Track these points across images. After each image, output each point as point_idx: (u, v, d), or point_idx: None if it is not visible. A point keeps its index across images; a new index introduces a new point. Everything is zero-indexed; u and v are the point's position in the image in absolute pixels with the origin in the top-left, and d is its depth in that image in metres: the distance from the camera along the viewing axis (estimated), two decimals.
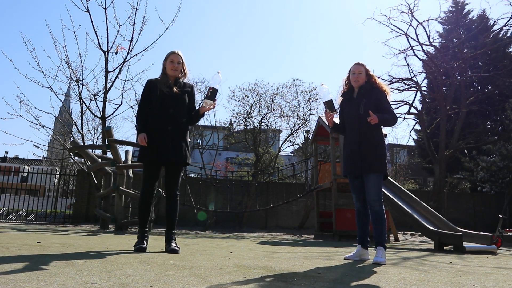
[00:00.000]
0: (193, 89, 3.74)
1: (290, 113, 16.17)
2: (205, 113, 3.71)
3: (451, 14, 20.69)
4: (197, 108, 3.71)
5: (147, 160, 3.51)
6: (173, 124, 3.49)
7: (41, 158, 36.81)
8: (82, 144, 12.13)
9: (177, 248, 3.39)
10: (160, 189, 7.91)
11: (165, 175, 3.60)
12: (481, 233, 6.09)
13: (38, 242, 3.89)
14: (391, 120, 3.45)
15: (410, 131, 19.10)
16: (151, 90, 3.56)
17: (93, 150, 10.59)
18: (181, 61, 3.61)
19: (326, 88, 3.48)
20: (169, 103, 3.50)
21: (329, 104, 3.43)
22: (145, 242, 3.42)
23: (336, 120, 3.64)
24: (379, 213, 3.35)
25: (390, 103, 3.63)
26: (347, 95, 3.63)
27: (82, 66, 13.47)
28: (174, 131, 3.49)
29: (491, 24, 17.80)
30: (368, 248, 3.51)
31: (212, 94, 3.45)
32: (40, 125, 12.62)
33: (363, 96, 3.48)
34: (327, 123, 3.46)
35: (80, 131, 13.72)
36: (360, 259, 3.42)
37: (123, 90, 13.49)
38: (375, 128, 3.46)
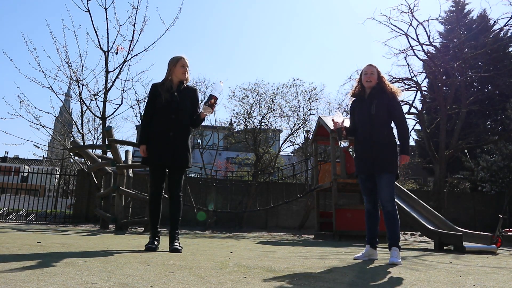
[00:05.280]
0: (195, 92, 3.81)
1: (290, 113, 16.18)
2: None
3: (451, 14, 20.68)
4: (199, 111, 3.80)
5: (151, 165, 3.65)
6: (175, 129, 3.59)
7: (41, 158, 36.82)
8: (82, 144, 12.14)
9: (179, 248, 3.47)
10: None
11: (168, 177, 3.71)
12: (481, 233, 6.08)
13: (38, 242, 3.90)
14: (407, 134, 3.54)
15: (410, 131, 19.11)
16: (155, 95, 3.65)
17: (93, 150, 10.60)
18: (188, 65, 3.70)
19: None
20: (171, 109, 3.58)
21: (338, 132, 3.55)
22: (155, 242, 3.53)
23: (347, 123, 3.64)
24: (392, 213, 3.35)
25: None
26: (358, 96, 3.62)
27: (83, 66, 13.53)
28: (176, 136, 3.59)
29: (492, 24, 17.81)
30: (377, 248, 3.54)
31: (211, 101, 3.57)
32: (41, 125, 12.64)
33: (375, 97, 3.48)
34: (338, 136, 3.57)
35: (80, 131, 13.73)
36: (369, 259, 3.46)
37: (123, 90, 13.51)
38: (387, 128, 3.48)
